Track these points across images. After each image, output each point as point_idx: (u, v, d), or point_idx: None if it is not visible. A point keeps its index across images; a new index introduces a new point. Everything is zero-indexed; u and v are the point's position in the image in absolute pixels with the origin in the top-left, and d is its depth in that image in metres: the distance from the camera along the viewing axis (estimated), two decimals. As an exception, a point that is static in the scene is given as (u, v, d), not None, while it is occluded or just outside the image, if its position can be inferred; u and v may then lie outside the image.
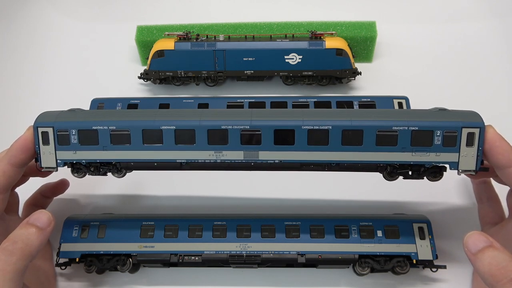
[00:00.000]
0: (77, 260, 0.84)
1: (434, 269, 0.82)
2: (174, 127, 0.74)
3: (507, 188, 0.79)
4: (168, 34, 1.09)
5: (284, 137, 0.74)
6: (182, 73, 1.08)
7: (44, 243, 0.66)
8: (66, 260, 0.85)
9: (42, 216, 0.67)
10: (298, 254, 0.82)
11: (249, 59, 1.06)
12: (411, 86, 1.08)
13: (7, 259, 0.61)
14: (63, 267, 0.85)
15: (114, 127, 0.75)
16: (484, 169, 0.73)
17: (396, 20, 1.22)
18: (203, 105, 1.04)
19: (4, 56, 1.21)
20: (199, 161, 0.76)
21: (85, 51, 1.21)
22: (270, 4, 1.27)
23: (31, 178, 0.85)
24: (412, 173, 0.76)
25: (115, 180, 0.81)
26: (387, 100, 1.02)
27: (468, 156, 0.72)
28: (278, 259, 0.82)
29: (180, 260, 0.82)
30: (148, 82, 1.12)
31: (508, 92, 1.09)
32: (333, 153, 0.74)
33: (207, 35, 1.10)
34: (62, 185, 0.91)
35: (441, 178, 0.76)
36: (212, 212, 0.91)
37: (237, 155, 0.75)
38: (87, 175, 0.80)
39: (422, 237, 0.82)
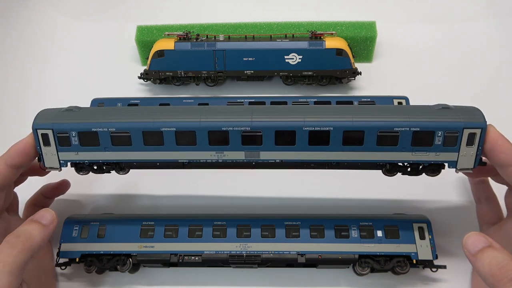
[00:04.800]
0: (77, 260, 0.84)
1: (434, 269, 0.82)
2: (175, 129, 0.74)
3: (505, 188, 0.79)
4: (168, 34, 1.08)
5: (285, 138, 0.73)
6: (182, 73, 1.08)
7: (46, 240, 0.67)
8: (66, 260, 0.85)
9: (46, 214, 0.69)
10: (298, 254, 0.82)
11: (249, 59, 1.06)
12: (411, 86, 1.08)
13: (8, 251, 0.62)
14: (63, 267, 0.85)
15: (114, 129, 0.74)
16: (481, 164, 0.73)
17: (396, 20, 1.21)
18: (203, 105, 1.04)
19: (4, 56, 1.21)
20: (201, 161, 0.76)
21: (85, 51, 1.21)
22: (270, 4, 1.27)
23: (32, 179, 0.85)
24: (411, 170, 0.77)
25: (115, 180, 0.81)
26: (387, 100, 1.02)
27: (467, 155, 0.72)
28: (278, 259, 0.82)
29: (180, 260, 0.82)
30: (148, 82, 1.12)
31: (509, 92, 1.09)
32: (334, 153, 0.74)
33: (207, 35, 1.10)
34: (63, 186, 0.91)
35: (439, 174, 0.76)
36: (212, 212, 0.91)
37: (238, 155, 0.75)
38: (91, 173, 0.81)
39: (422, 237, 0.82)
